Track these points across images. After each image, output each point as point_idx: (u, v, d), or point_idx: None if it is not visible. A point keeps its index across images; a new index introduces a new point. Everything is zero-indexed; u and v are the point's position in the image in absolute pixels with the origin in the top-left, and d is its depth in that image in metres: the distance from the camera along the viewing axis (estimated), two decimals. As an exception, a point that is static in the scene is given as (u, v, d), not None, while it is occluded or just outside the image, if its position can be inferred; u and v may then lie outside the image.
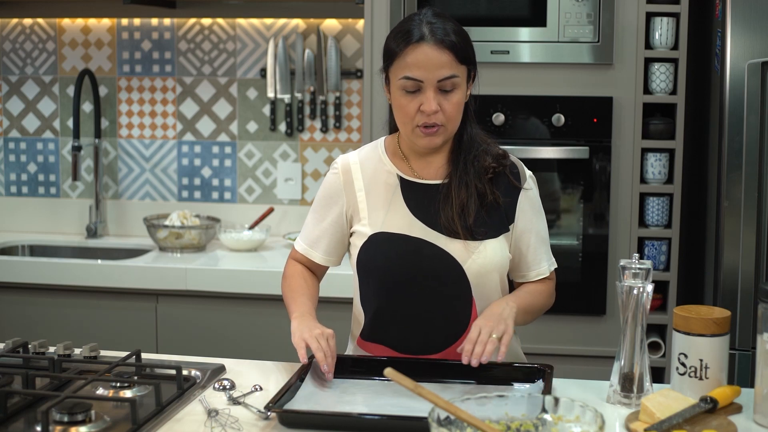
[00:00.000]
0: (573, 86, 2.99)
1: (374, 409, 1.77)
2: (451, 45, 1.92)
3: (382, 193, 2.04)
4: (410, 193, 2.03)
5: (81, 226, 3.84)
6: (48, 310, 3.30)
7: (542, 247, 2.09)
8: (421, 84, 1.92)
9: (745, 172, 2.70)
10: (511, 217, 2.04)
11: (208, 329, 3.22)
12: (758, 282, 2.70)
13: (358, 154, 2.11)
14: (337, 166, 2.10)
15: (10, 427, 1.70)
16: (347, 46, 3.62)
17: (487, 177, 2.01)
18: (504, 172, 2.03)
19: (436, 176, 2.04)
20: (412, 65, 1.92)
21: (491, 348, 1.86)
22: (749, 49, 2.66)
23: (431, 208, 2.01)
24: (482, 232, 1.99)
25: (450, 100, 1.94)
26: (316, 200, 2.12)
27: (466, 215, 1.98)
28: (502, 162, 2.03)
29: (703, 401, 1.73)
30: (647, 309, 1.82)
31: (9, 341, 2.06)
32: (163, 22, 3.72)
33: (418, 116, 1.94)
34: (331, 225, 2.09)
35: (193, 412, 1.78)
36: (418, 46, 1.91)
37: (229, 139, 3.74)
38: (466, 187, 1.99)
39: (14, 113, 3.89)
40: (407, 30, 1.94)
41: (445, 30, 1.93)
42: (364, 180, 2.06)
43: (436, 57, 1.91)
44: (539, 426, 1.47)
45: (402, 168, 2.06)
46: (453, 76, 1.93)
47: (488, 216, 2.01)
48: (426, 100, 1.92)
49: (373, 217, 2.03)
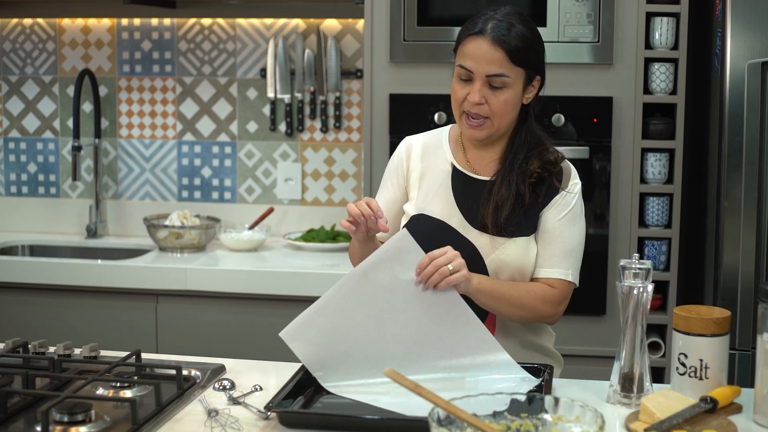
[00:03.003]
0: (573, 86, 2.99)
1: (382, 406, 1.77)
2: (506, 45, 1.98)
3: (435, 178, 2.12)
4: (459, 183, 2.10)
5: (81, 226, 3.84)
6: (48, 310, 3.30)
7: (558, 253, 2.06)
8: (471, 74, 2.00)
9: (745, 172, 2.70)
10: (541, 212, 2.07)
11: (208, 329, 3.22)
12: (758, 282, 2.70)
13: (423, 137, 2.20)
14: (402, 145, 2.20)
15: (10, 427, 1.69)
16: (347, 46, 3.62)
17: (530, 180, 2.04)
18: (550, 176, 2.06)
19: (486, 171, 2.11)
20: (467, 55, 2.00)
21: (438, 278, 1.86)
22: (749, 49, 2.66)
23: (474, 203, 2.07)
24: (511, 231, 2.03)
25: (497, 97, 2.00)
26: (383, 180, 2.22)
27: (500, 213, 2.02)
28: (549, 169, 2.06)
29: (703, 401, 1.73)
30: (647, 309, 1.82)
31: (9, 341, 2.06)
32: (163, 22, 3.72)
33: (465, 104, 2.02)
34: (390, 200, 2.17)
35: (193, 412, 1.78)
36: (475, 39, 1.99)
37: (229, 139, 3.74)
38: (508, 186, 2.04)
39: (14, 113, 3.89)
40: (475, 21, 2.02)
41: (506, 29, 1.98)
42: (422, 161, 2.14)
43: (489, 53, 1.98)
44: (539, 426, 1.47)
45: (458, 157, 2.13)
46: (502, 75, 1.99)
47: (524, 217, 2.04)
48: (473, 90, 2.00)
49: (420, 199, 2.12)
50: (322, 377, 1.86)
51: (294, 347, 1.89)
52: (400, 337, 1.89)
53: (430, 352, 1.90)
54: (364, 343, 1.88)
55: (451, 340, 1.90)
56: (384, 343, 1.89)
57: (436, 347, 1.90)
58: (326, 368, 1.87)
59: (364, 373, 1.87)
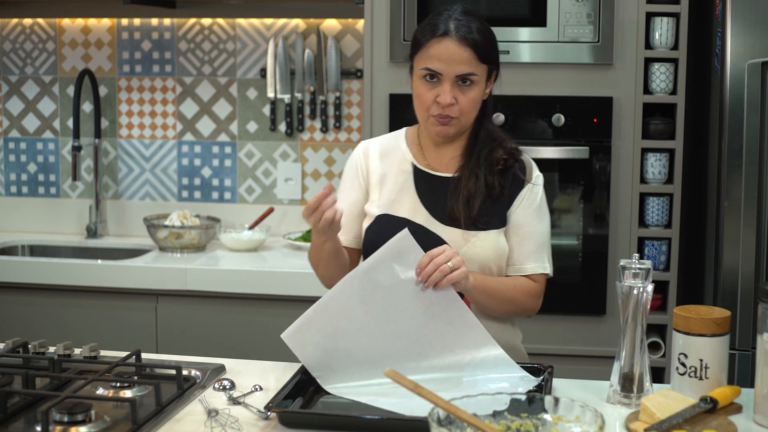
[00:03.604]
0: (573, 86, 2.99)
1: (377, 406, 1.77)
2: (473, 43, 2.00)
3: (396, 179, 2.13)
4: (422, 182, 2.12)
5: (81, 226, 3.84)
6: (48, 310, 3.30)
7: (533, 248, 2.10)
8: (440, 76, 2.01)
9: (745, 172, 2.70)
10: (509, 207, 2.09)
11: (208, 329, 3.22)
12: (758, 282, 2.70)
13: (380, 140, 2.21)
14: (358, 148, 2.20)
15: (10, 427, 1.69)
16: (347, 46, 3.62)
17: (497, 168, 2.08)
18: (513, 166, 2.10)
19: (447, 168, 2.12)
20: (434, 57, 2.00)
21: (439, 276, 1.87)
22: (749, 49, 2.66)
23: (439, 199, 2.08)
24: (485, 222, 2.06)
25: (466, 95, 2.02)
26: (340, 186, 2.22)
27: (471, 205, 2.05)
28: (514, 155, 2.11)
29: (703, 401, 1.73)
30: (647, 309, 1.82)
31: (9, 341, 2.06)
32: (163, 22, 3.72)
33: (434, 107, 2.03)
34: (352, 202, 2.17)
35: (193, 412, 1.78)
36: (442, 40, 2.00)
37: (229, 139, 3.74)
38: (476, 179, 2.06)
39: (14, 113, 3.89)
40: (435, 23, 2.03)
41: (469, 28, 2.01)
42: (381, 163, 2.15)
43: (457, 52, 1.99)
44: (539, 426, 1.47)
45: (417, 157, 2.15)
46: (471, 73, 2.01)
47: (493, 207, 2.07)
48: (443, 92, 2.01)
49: (383, 199, 2.13)
50: (322, 378, 1.86)
51: (295, 348, 1.89)
52: (401, 337, 1.89)
53: (430, 351, 1.90)
54: (365, 343, 1.88)
55: (450, 339, 1.90)
56: (384, 344, 1.89)
57: (435, 347, 1.90)
58: (326, 369, 1.87)
59: (363, 374, 1.87)
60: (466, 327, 1.91)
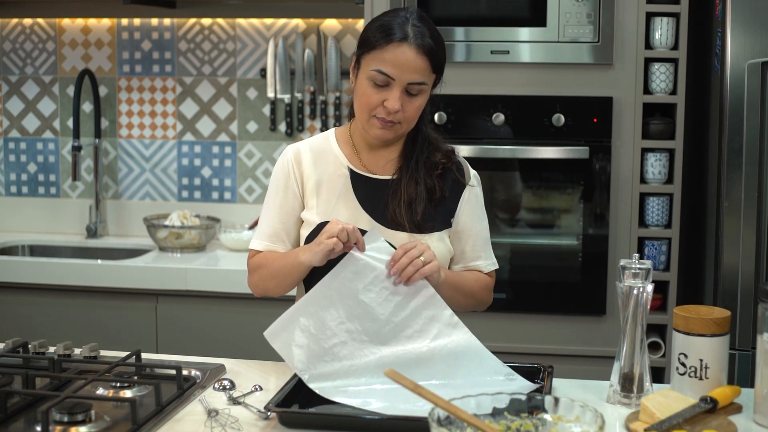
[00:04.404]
0: (573, 86, 2.99)
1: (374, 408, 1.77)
2: (430, 53, 1.95)
3: (332, 184, 2.07)
4: (360, 186, 2.07)
5: (81, 226, 3.84)
6: (48, 310, 3.30)
7: (481, 245, 2.14)
8: (391, 81, 1.95)
9: (745, 172, 2.70)
10: (453, 212, 2.09)
11: (208, 329, 3.22)
12: (758, 282, 2.70)
13: (309, 143, 2.13)
14: (288, 153, 2.11)
15: (10, 427, 1.69)
16: (347, 46, 3.62)
17: (436, 173, 2.07)
18: (451, 168, 2.09)
19: (385, 171, 2.09)
20: (389, 62, 1.94)
21: (412, 271, 1.88)
22: (749, 49, 2.66)
23: (380, 202, 2.05)
24: (429, 226, 2.04)
25: (413, 103, 1.99)
26: (270, 191, 2.11)
27: (414, 210, 2.03)
28: (451, 158, 2.10)
29: (703, 401, 1.73)
30: (647, 309, 1.82)
31: (9, 341, 2.06)
32: (163, 22, 3.72)
33: (379, 109, 1.98)
34: (287, 211, 2.09)
35: (193, 412, 1.78)
36: (399, 46, 1.94)
37: (229, 139, 3.74)
38: (416, 183, 2.04)
39: (14, 113, 3.89)
40: (390, 26, 1.96)
41: (427, 36, 1.96)
42: (315, 168, 2.09)
43: (413, 61, 1.94)
44: (539, 426, 1.47)
45: (352, 160, 2.10)
46: (423, 82, 1.97)
47: (435, 211, 2.06)
48: (391, 97, 1.95)
49: (321, 206, 2.06)
50: (307, 378, 1.85)
51: (277, 347, 1.89)
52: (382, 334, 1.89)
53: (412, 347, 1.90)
54: (348, 342, 1.88)
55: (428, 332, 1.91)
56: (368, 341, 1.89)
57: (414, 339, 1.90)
58: (310, 369, 1.86)
59: (349, 372, 1.86)
60: (448, 324, 1.92)
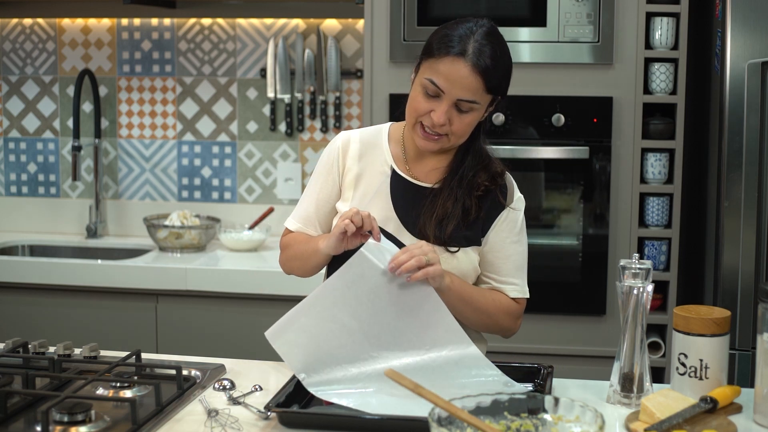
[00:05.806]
0: (573, 86, 2.99)
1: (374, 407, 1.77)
2: (485, 72, 1.87)
3: (372, 180, 2.03)
4: (398, 188, 2.02)
5: (81, 226, 3.84)
6: (48, 310, 3.30)
7: (511, 269, 2.03)
8: (441, 93, 1.89)
9: (745, 172, 2.70)
10: (485, 231, 2.01)
11: (208, 329, 3.22)
12: (758, 282, 2.70)
13: (361, 133, 2.09)
14: (338, 140, 2.08)
15: (10, 427, 1.69)
16: (347, 46, 3.62)
17: (477, 194, 1.99)
18: (494, 190, 2.01)
19: (427, 178, 2.03)
20: (442, 74, 1.88)
21: (414, 264, 1.81)
22: (749, 49, 2.66)
23: (412, 210, 2.00)
24: (454, 246, 1.97)
25: (462, 120, 1.92)
26: (314, 173, 2.10)
27: (444, 228, 1.96)
28: (496, 180, 2.01)
29: (703, 401, 1.73)
30: (647, 309, 1.82)
31: (9, 341, 2.06)
32: (163, 22, 3.72)
33: (425, 118, 1.93)
34: (323, 198, 2.07)
35: (193, 412, 1.78)
36: (455, 61, 1.87)
37: (229, 139, 3.74)
38: (454, 201, 1.97)
39: (14, 113, 3.89)
40: (452, 38, 1.89)
41: (489, 56, 1.88)
42: (359, 161, 2.05)
43: (467, 78, 1.87)
44: (539, 426, 1.47)
45: (398, 160, 2.04)
46: (473, 101, 1.90)
47: (466, 230, 1.98)
48: (438, 110, 1.90)
49: (356, 200, 2.03)
50: (305, 379, 1.84)
51: (278, 348, 1.88)
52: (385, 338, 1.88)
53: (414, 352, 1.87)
54: (348, 345, 1.87)
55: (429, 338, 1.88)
56: (368, 345, 1.87)
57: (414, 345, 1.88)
58: (310, 370, 1.85)
59: (347, 375, 1.85)
60: (450, 331, 1.88)
